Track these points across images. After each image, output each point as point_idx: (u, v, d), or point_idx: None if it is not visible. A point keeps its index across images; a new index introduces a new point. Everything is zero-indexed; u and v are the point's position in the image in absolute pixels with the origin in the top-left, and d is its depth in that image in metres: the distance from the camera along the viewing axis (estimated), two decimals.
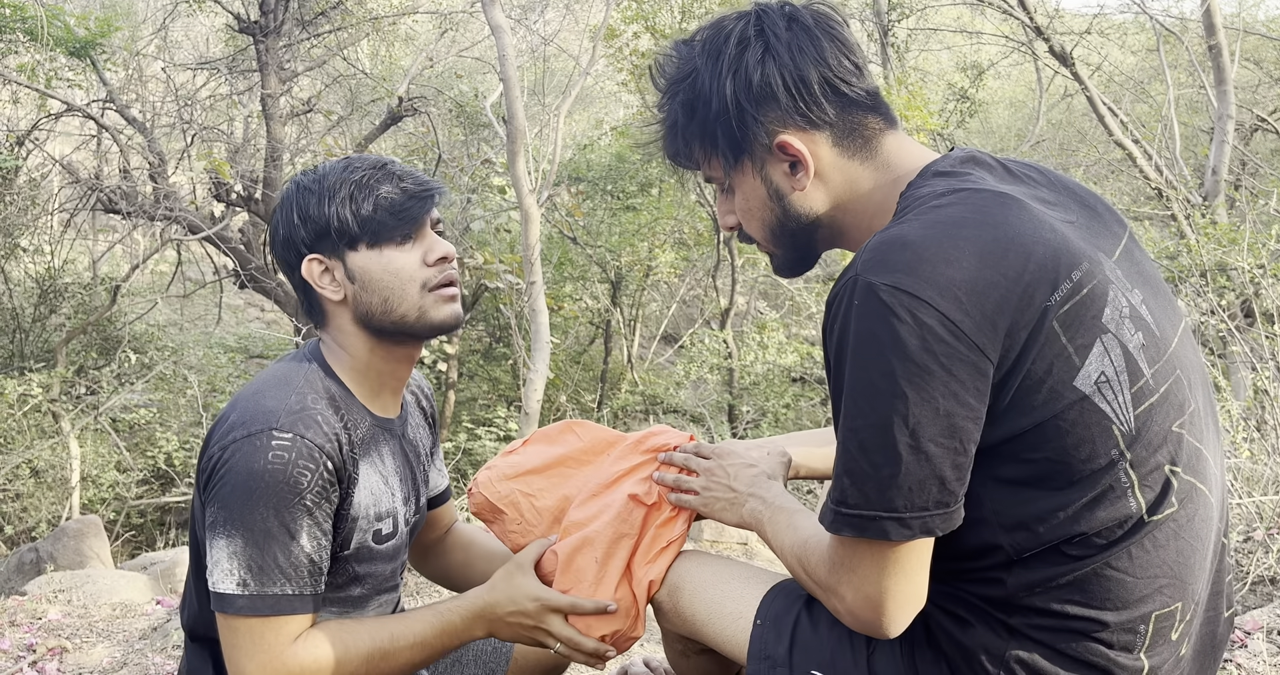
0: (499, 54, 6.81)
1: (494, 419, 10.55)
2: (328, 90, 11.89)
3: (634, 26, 11.73)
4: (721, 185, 1.36)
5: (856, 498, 1.10)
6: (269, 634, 1.36)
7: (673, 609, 1.58)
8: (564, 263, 12.67)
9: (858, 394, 1.09)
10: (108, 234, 11.77)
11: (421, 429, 1.73)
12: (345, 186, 1.47)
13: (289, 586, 1.36)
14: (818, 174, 1.28)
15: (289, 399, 1.42)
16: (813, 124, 1.26)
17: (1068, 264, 1.12)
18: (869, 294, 1.08)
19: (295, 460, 1.36)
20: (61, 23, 8.27)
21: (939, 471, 1.08)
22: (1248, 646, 2.66)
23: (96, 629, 3.52)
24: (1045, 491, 1.12)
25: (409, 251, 1.50)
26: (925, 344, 1.06)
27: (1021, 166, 1.30)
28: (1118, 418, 1.11)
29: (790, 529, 1.34)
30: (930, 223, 1.13)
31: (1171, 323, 1.22)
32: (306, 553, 1.38)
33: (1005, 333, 1.08)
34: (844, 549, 1.14)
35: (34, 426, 9.02)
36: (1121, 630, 1.14)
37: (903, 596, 1.13)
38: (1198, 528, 1.18)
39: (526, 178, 6.83)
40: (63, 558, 5.31)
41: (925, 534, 1.09)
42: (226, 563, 1.35)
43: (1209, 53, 8.15)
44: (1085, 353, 1.10)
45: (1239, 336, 4.86)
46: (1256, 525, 3.46)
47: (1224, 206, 7.67)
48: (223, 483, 1.36)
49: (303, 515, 1.37)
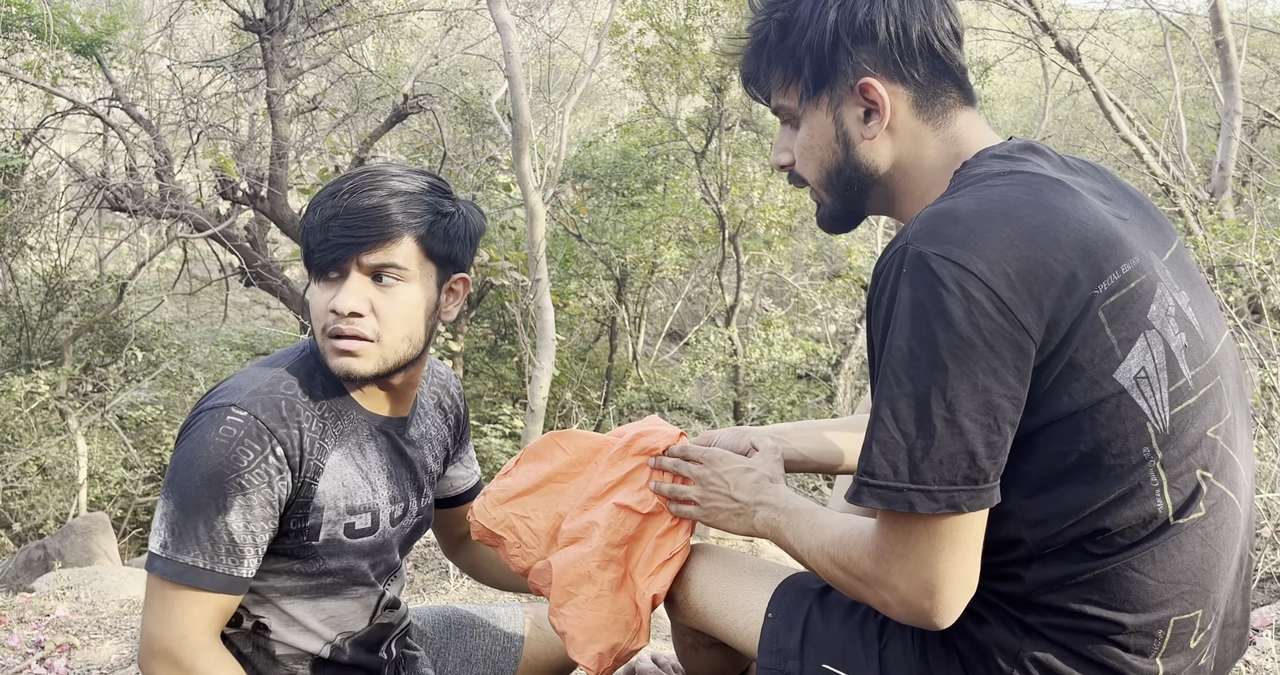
0: (504, 51, 6.81)
1: (500, 416, 10.56)
2: (333, 88, 11.89)
3: (639, 23, 11.71)
4: (790, 117, 1.33)
5: (884, 469, 1.08)
6: (178, 607, 1.38)
7: (683, 602, 1.58)
8: (569, 260, 12.67)
9: (897, 363, 1.08)
10: (114, 232, 11.80)
11: (439, 429, 1.72)
12: (314, 208, 1.46)
13: (200, 559, 1.37)
14: (890, 128, 1.26)
15: (263, 380, 1.44)
16: (901, 77, 1.25)
17: (1119, 255, 1.11)
18: (919, 263, 1.07)
19: (241, 438, 1.38)
20: (67, 21, 8.29)
21: (971, 447, 1.06)
22: (1256, 643, 2.65)
23: (104, 626, 3.53)
24: (1073, 485, 1.11)
25: (324, 290, 1.45)
26: (971, 317, 1.04)
27: (1079, 162, 1.29)
28: (1153, 416, 1.10)
29: (815, 529, 1.29)
30: (984, 199, 1.12)
31: (1216, 329, 1.21)
32: (230, 531, 1.38)
33: (1050, 315, 1.07)
34: (894, 534, 1.11)
35: (41, 424, 9.05)
36: (1139, 634, 1.13)
37: (958, 580, 1.10)
38: (1224, 536, 1.16)
39: (531, 175, 6.83)
40: (70, 555, 5.32)
41: (951, 509, 1.07)
42: (158, 523, 1.39)
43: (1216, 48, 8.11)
44: (1128, 346, 1.09)
45: (1246, 333, 4.84)
46: (1265, 522, 3.45)
47: (1231, 202, 7.64)
48: (179, 449, 1.40)
49: (236, 494, 1.38)
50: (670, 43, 11.69)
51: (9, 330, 9.76)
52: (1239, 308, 5.44)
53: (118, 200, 9.18)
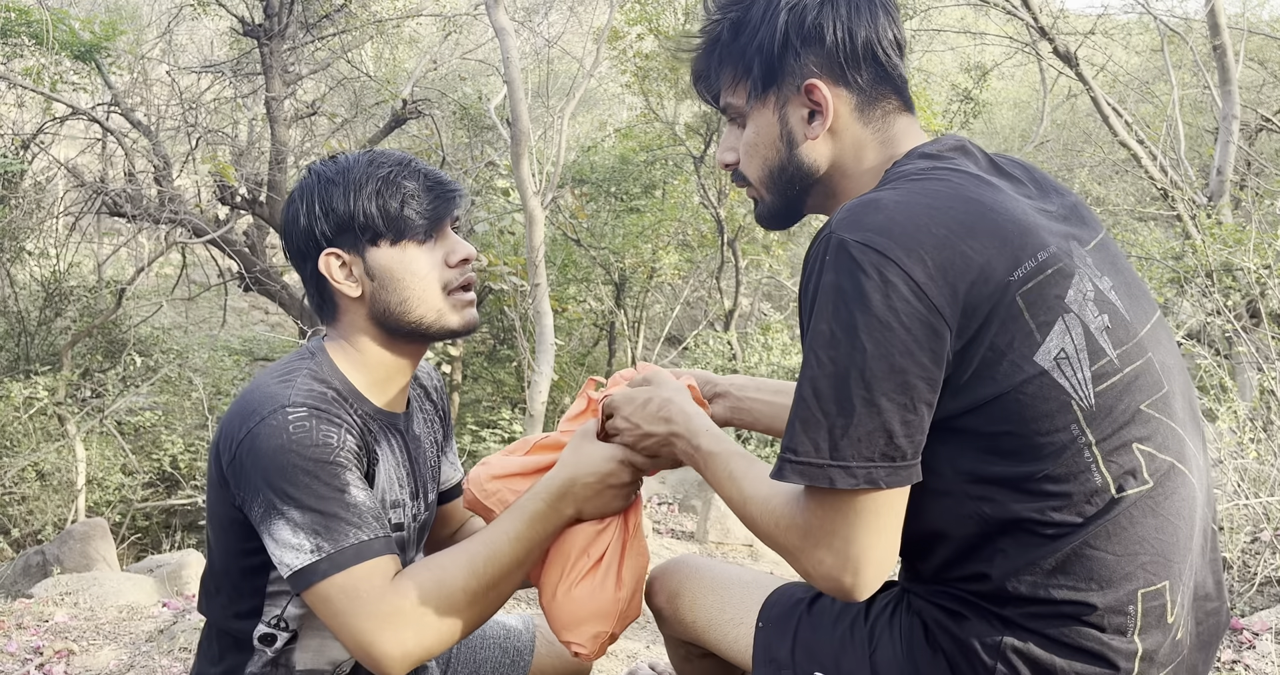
0: (503, 56, 6.82)
1: (498, 421, 10.55)
2: (332, 93, 11.91)
3: (638, 28, 11.72)
4: (738, 115, 1.37)
5: (806, 446, 1.13)
6: (361, 585, 1.31)
7: (674, 615, 1.59)
8: (568, 265, 12.68)
9: (818, 344, 1.12)
10: (113, 237, 11.78)
11: (432, 422, 1.72)
12: (372, 181, 1.46)
13: (363, 533, 1.34)
14: (832, 129, 1.31)
15: (295, 383, 1.41)
16: (845, 82, 1.30)
17: (1035, 244, 1.16)
18: (840, 249, 1.12)
19: (318, 426, 1.35)
20: (66, 26, 8.30)
21: (888, 425, 1.10)
22: (1256, 648, 2.65)
23: (103, 631, 3.53)
24: (1009, 462, 1.15)
25: (430, 251, 1.49)
26: (888, 301, 1.09)
27: (1007, 161, 1.34)
28: (1076, 394, 1.14)
29: (734, 481, 1.32)
30: (906, 191, 1.18)
31: (1143, 311, 1.26)
32: (362, 501, 1.36)
33: (965, 301, 1.11)
34: (819, 510, 1.15)
35: (40, 429, 9.04)
36: (1111, 612, 1.15)
37: (879, 554, 1.14)
38: (1178, 506, 1.20)
39: (530, 180, 6.84)
40: (69, 560, 5.32)
41: (870, 485, 1.11)
42: (294, 539, 1.32)
43: (1213, 53, 8.13)
44: (1046, 330, 1.14)
45: (1245, 337, 4.85)
46: (1264, 526, 3.45)
47: (1229, 207, 7.65)
48: (256, 469, 1.33)
49: (343, 471, 1.35)
50: (669, 48, 11.69)
51: (7, 336, 9.76)
52: (1237, 312, 5.44)
53: (116, 205, 9.18)
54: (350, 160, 1.50)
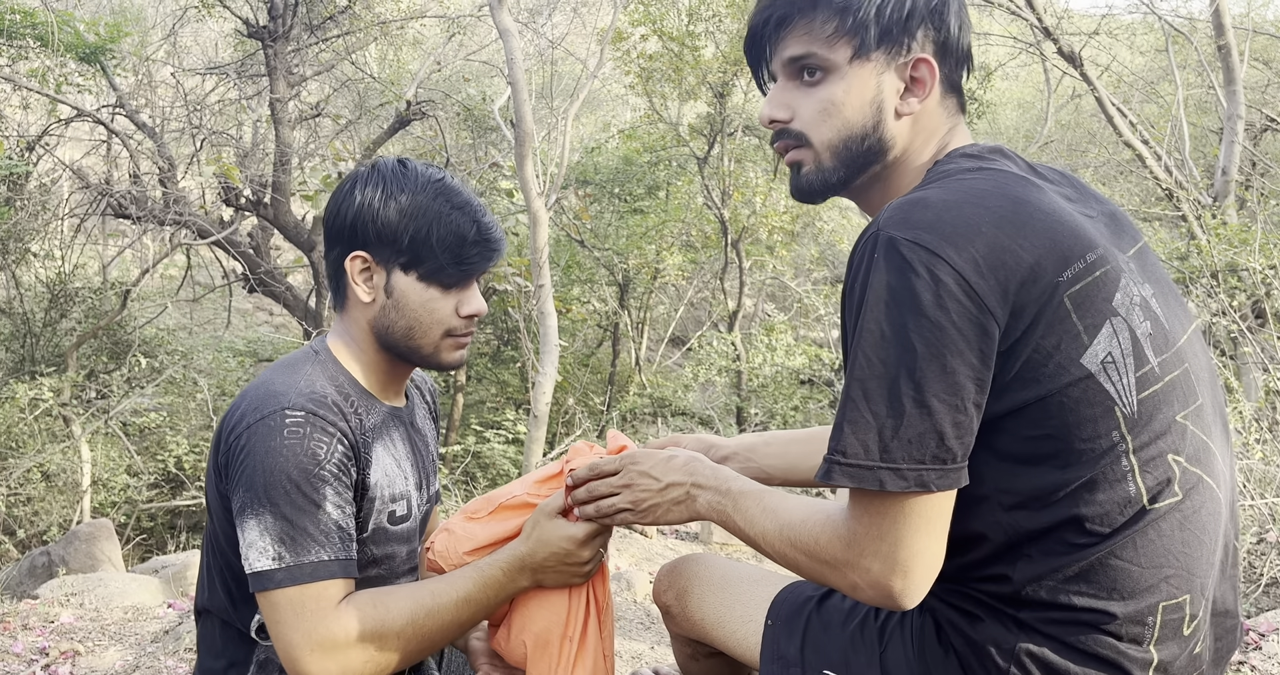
0: (507, 57, 6.82)
1: (502, 422, 10.55)
2: (336, 94, 11.92)
3: (641, 29, 11.73)
4: (820, 69, 1.28)
5: (855, 447, 1.10)
6: (309, 603, 1.36)
7: (681, 613, 1.58)
8: (572, 266, 12.68)
9: (868, 345, 1.10)
10: (118, 239, 11.80)
11: (427, 421, 1.75)
12: (429, 214, 1.48)
13: (324, 552, 1.38)
14: (921, 110, 1.29)
15: (297, 383, 1.45)
16: (944, 67, 1.29)
17: (1084, 245, 1.15)
18: (890, 248, 1.11)
19: (310, 434, 1.39)
20: (72, 29, 8.32)
21: (939, 426, 1.08)
22: (1262, 649, 2.65)
23: (109, 632, 3.53)
24: (1045, 468, 1.13)
25: (450, 297, 1.52)
26: (939, 301, 1.07)
27: (1045, 167, 1.33)
28: (1120, 400, 1.13)
29: (768, 513, 1.28)
30: (954, 190, 1.17)
31: (1180, 320, 1.24)
32: (334, 520, 1.40)
33: (1015, 300, 1.10)
34: (867, 516, 1.13)
35: (45, 431, 9.05)
36: (1130, 622, 1.14)
37: (928, 559, 1.12)
38: (1204, 520, 1.18)
39: (534, 181, 6.84)
40: (74, 561, 5.32)
41: (920, 487, 1.09)
42: (260, 541, 1.36)
43: (1218, 53, 8.12)
44: (1094, 332, 1.12)
45: (1250, 337, 4.84)
46: (1270, 527, 3.45)
47: (1234, 207, 7.64)
48: (244, 466, 1.38)
49: (323, 485, 1.39)
50: (672, 49, 11.71)
51: (13, 337, 9.77)
52: (1243, 312, 5.43)
53: (121, 207, 9.21)
54: (420, 178, 1.50)
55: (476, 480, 9.74)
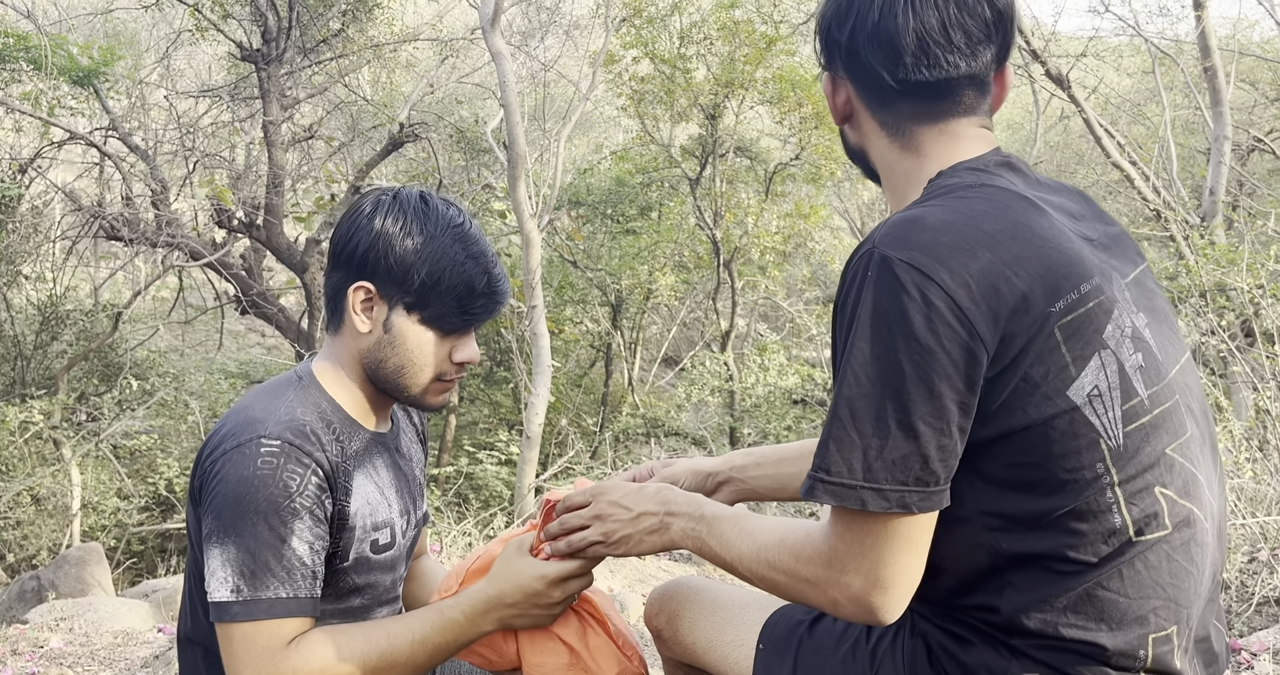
0: (499, 80, 6.87)
1: (495, 443, 10.54)
2: (329, 117, 11.97)
3: (633, 51, 11.82)
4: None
5: (839, 466, 1.10)
6: (261, 639, 1.35)
7: (673, 636, 1.58)
8: (564, 286, 12.71)
9: (857, 364, 1.10)
10: (109, 261, 11.80)
11: (414, 445, 1.74)
12: (444, 259, 1.46)
13: (283, 589, 1.36)
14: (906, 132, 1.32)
15: (278, 410, 1.43)
16: (883, 94, 1.31)
17: (1078, 275, 1.14)
18: (884, 267, 1.11)
19: (284, 465, 1.37)
20: (65, 52, 8.35)
21: (924, 449, 1.08)
22: (1254, 668, 2.65)
23: (98, 657, 3.51)
24: (1030, 495, 1.13)
25: (446, 343, 1.51)
26: (930, 323, 1.07)
27: (1054, 182, 1.32)
28: (1106, 433, 1.13)
29: (744, 535, 1.28)
30: (952, 210, 1.16)
31: (1173, 350, 1.24)
32: (299, 556, 1.38)
33: (1005, 328, 1.09)
34: (849, 533, 1.13)
35: (35, 454, 9.01)
36: (1120, 655, 1.14)
37: (908, 576, 1.12)
38: (1193, 553, 1.18)
39: (527, 202, 6.87)
40: (64, 585, 5.29)
41: (902, 509, 1.09)
42: (221, 571, 1.35)
43: (1205, 74, 8.21)
44: (1082, 365, 1.12)
45: (1239, 356, 4.86)
46: (1261, 546, 3.45)
47: (1222, 227, 7.69)
48: (215, 493, 1.37)
49: (293, 519, 1.37)
50: (664, 71, 11.79)
51: (3, 360, 9.74)
52: (1231, 331, 5.46)
53: (114, 229, 9.21)
54: (442, 219, 1.49)
55: (469, 502, 9.70)
